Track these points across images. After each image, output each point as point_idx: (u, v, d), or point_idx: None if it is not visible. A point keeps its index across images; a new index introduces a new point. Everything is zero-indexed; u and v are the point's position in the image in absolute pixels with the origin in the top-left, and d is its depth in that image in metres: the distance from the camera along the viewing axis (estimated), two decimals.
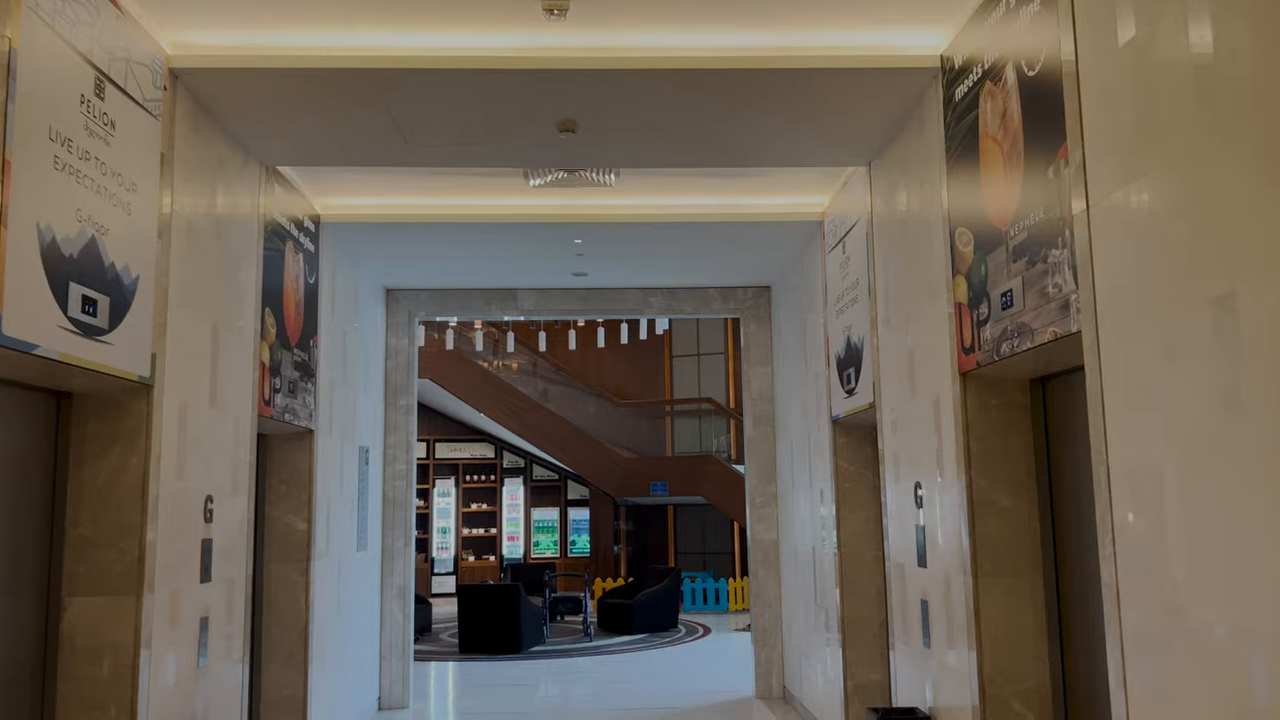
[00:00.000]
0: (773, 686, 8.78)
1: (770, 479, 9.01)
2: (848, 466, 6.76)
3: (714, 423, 18.28)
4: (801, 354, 7.90)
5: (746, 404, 9.18)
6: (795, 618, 8.25)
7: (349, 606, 7.62)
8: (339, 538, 7.34)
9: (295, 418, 6.29)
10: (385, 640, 8.69)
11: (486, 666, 10.97)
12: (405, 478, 8.95)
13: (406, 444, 8.99)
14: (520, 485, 19.31)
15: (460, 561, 18.90)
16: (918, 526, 5.00)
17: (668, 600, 13.63)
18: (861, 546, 6.67)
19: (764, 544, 8.95)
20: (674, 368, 19.07)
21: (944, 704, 4.65)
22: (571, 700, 9.04)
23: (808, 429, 7.67)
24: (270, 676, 6.43)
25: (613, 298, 9.14)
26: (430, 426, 19.10)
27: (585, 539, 19.07)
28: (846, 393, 6.37)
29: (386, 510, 8.85)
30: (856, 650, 6.57)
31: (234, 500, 5.27)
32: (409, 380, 9.09)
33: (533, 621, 12.12)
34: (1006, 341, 3.87)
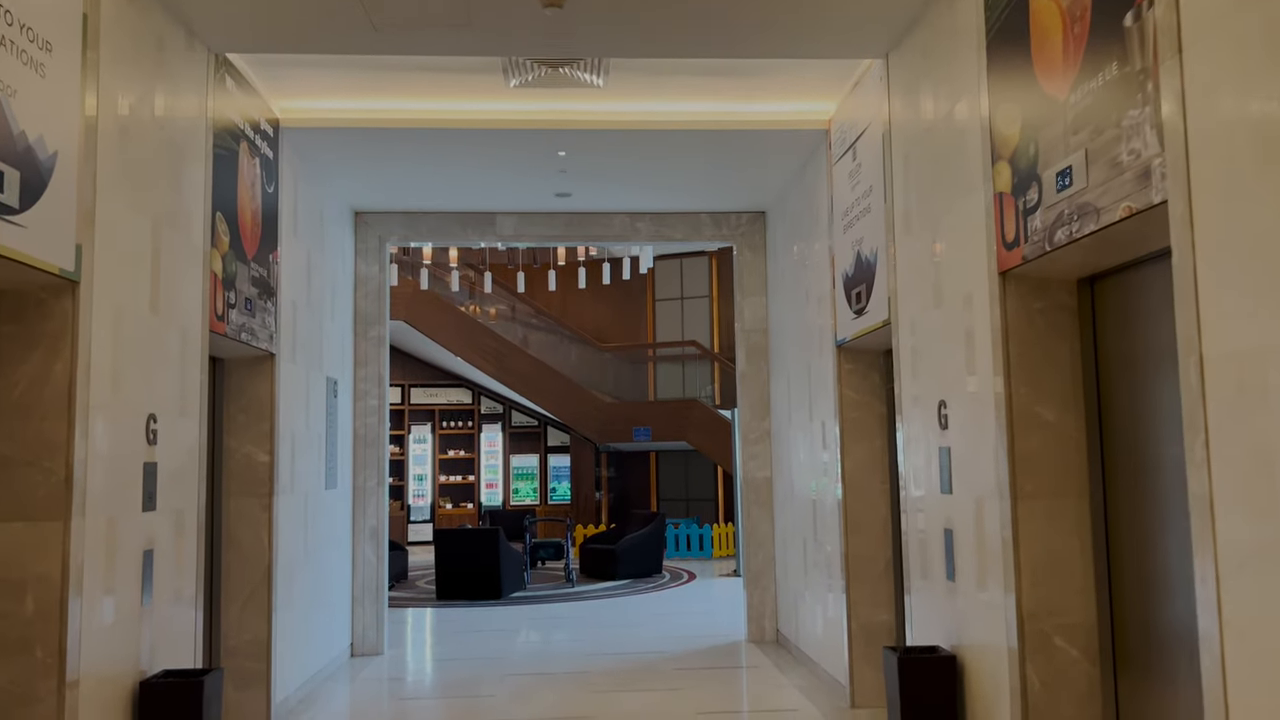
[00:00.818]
0: (765, 630, 8.40)
1: (763, 415, 8.56)
2: (853, 395, 6.30)
3: (698, 367, 17.82)
4: (800, 281, 7.40)
5: (739, 337, 8.69)
6: (790, 558, 7.84)
7: (318, 547, 7.13)
8: (305, 473, 6.82)
9: (254, 338, 5.73)
10: (358, 584, 8.22)
11: (465, 613, 10.55)
12: (377, 414, 8.42)
13: (378, 378, 8.44)
14: (499, 431, 18.81)
15: (437, 509, 18.44)
16: (941, 449, 4.54)
17: (652, 546, 13.24)
18: (867, 480, 6.23)
19: (756, 482, 8.52)
20: (657, 311, 18.55)
21: (973, 642, 4.22)
22: (555, 646, 8.64)
23: (807, 360, 7.19)
24: (231, 619, 5.94)
25: (598, 223, 8.59)
26: (405, 371, 18.53)
27: (566, 486, 18.65)
28: (855, 313, 5.88)
29: (358, 448, 8.33)
30: (861, 590, 6.16)
31: (182, 423, 4.73)
32: (380, 310, 8.52)
33: (513, 567, 11.70)
34: (1062, 228, 3.38)
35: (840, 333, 6.21)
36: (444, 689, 6.99)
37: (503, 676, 7.26)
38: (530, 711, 6.20)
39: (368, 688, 7.07)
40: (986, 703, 4.07)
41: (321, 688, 6.93)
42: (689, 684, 6.92)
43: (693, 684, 6.93)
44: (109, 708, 3.94)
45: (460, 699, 6.61)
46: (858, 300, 5.83)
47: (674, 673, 7.28)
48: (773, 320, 8.44)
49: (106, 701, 3.92)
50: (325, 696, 6.68)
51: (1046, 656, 3.76)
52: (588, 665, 7.58)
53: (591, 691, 6.71)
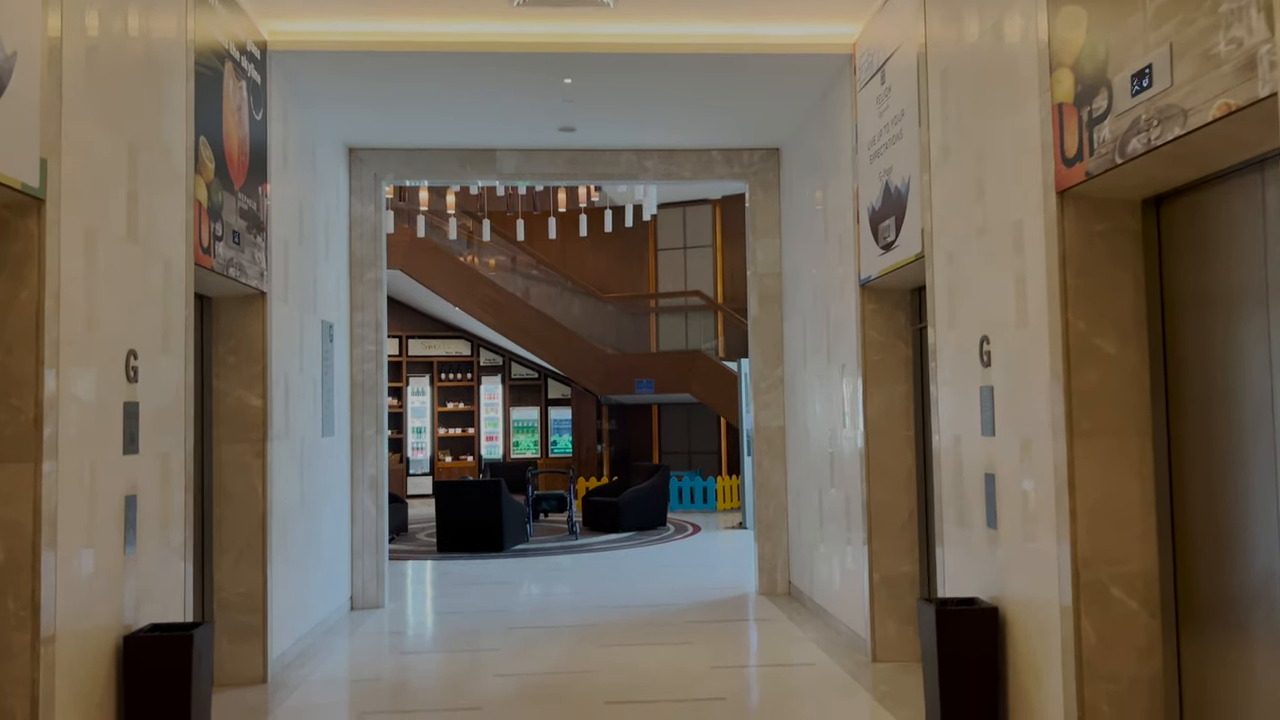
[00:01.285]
0: (777, 582, 8.16)
1: (776, 362, 8.24)
2: (877, 337, 5.98)
3: (701, 319, 17.49)
4: (819, 219, 7.04)
5: (751, 281, 8.34)
6: (804, 508, 7.57)
7: (315, 497, 6.84)
8: (301, 420, 6.51)
9: (243, 275, 5.38)
10: (357, 535, 7.95)
11: (467, 565, 10.32)
12: (375, 360, 8.09)
13: (375, 323, 8.11)
14: (498, 384, 18.51)
15: (437, 462, 18.19)
16: (983, 389, 4.23)
17: (655, 498, 13.00)
18: (891, 426, 5.94)
19: (769, 431, 8.23)
20: (659, 261, 18.17)
21: (1017, 594, 3.94)
22: (559, 598, 8.40)
23: (825, 302, 6.86)
24: (224, 571, 5.66)
25: (603, 161, 8.20)
26: (402, 322, 18.17)
27: (567, 439, 18.40)
28: (882, 249, 5.54)
29: (355, 395, 8.01)
30: (883, 540, 5.89)
31: (166, 361, 4.41)
32: (376, 253, 8.16)
33: (515, 519, 11.46)
34: (1138, 135, 3.03)
35: (864, 271, 5.88)
36: (445, 642, 6.75)
37: (506, 630, 7.02)
38: (535, 666, 5.96)
39: (367, 641, 6.82)
40: (1033, 658, 3.81)
41: (320, 641, 6.69)
42: (700, 637, 6.68)
43: (704, 637, 6.69)
44: (91, 663, 3.66)
45: (462, 653, 6.37)
46: (885, 235, 5.48)
47: (684, 626, 7.05)
48: (787, 263, 8.10)
49: (88, 657, 3.64)
50: (324, 650, 6.44)
51: (1103, 608, 3.48)
52: (594, 618, 7.35)
53: (598, 645, 6.47)
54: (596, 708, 5.07)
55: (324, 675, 5.86)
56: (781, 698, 5.32)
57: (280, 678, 5.75)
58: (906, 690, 5.22)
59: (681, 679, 5.60)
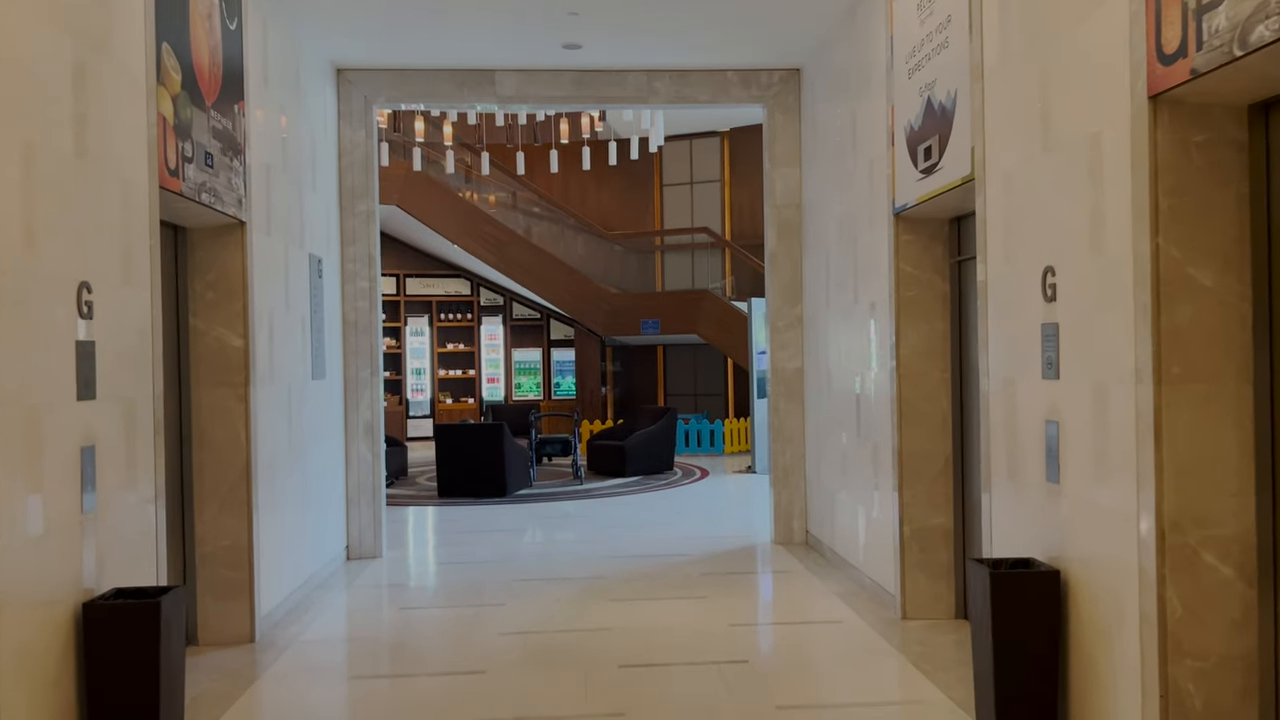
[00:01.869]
0: (794, 531, 7.78)
1: (795, 299, 7.76)
2: (911, 271, 5.50)
3: (708, 257, 16.95)
4: (846, 144, 6.51)
5: (769, 213, 7.82)
6: (825, 455, 7.16)
7: (305, 443, 6.42)
8: (287, 361, 6.06)
9: (219, 202, 4.88)
10: (352, 482, 7.55)
11: (468, 511, 9.96)
12: (368, 298, 7.62)
13: (368, 258, 7.61)
14: (499, 324, 18.03)
15: (437, 404, 17.79)
16: (1045, 327, 3.76)
17: (662, 441, 12.62)
18: (925, 367, 5.48)
19: (786, 373, 7.78)
20: (665, 197, 17.56)
21: (1085, 555, 3.52)
22: (565, 547, 8.03)
23: (852, 234, 6.36)
24: (205, 524, 5.26)
25: (611, 82, 7.62)
26: (400, 260, 17.64)
27: (571, 381, 17.98)
28: (922, 172, 5.03)
29: (348, 335, 7.55)
30: (916, 490, 5.48)
31: (127, 295, 3.94)
32: (368, 183, 7.63)
33: (518, 463, 11.08)
34: (1265, 22, 2.52)
35: (899, 199, 5.37)
36: (446, 596, 6.38)
37: (510, 582, 6.65)
38: (542, 623, 5.58)
39: (364, 596, 6.46)
40: (1104, 629, 3.39)
41: (313, 596, 6.32)
42: (716, 591, 6.31)
43: (720, 590, 6.32)
44: (43, 636, 3.25)
45: (464, 608, 6.00)
46: (926, 157, 4.96)
47: (698, 578, 6.67)
48: (808, 193, 7.57)
49: (39, 628, 3.23)
50: (317, 606, 6.07)
51: (1191, 576, 3.05)
52: (601, 570, 6.97)
53: (608, 600, 6.10)
54: (609, 672, 4.70)
55: (317, 634, 5.49)
56: (807, 660, 4.94)
57: (269, 637, 5.38)
58: (941, 652, 4.84)
59: (699, 639, 5.22)
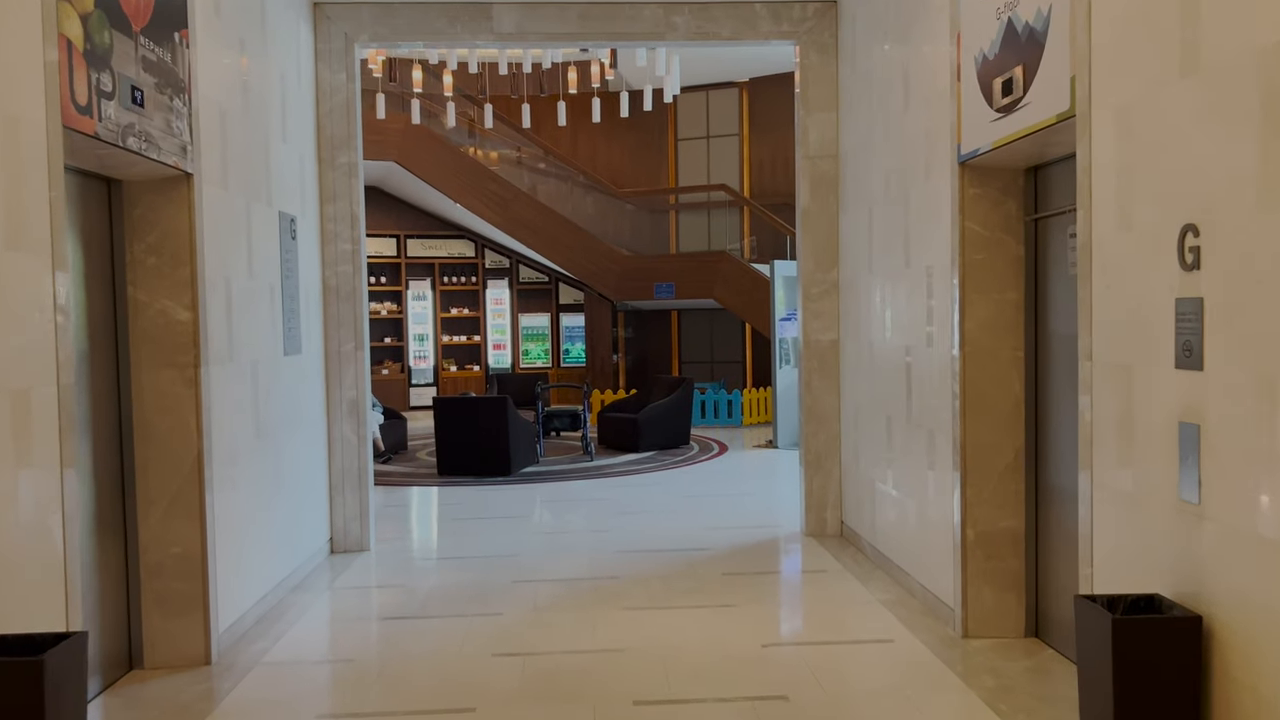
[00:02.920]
0: (827, 522, 7.00)
1: (830, 263, 6.91)
2: (979, 231, 4.66)
3: (725, 217, 16.04)
4: (894, 82, 5.63)
5: (801, 166, 6.95)
6: (865, 439, 6.36)
7: (276, 428, 5.66)
8: (251, 336, 5.28)
9: (153, 149, 4.07)
10: (336, 468, 6.80)
11: (470, 493, 9.21)
12: (352, 261, 6.81)
13: (351, 217, 6.79)
14: (505, 288, 17.20)
15: (441, 372, 17.03)
16: (1182, 301, 2.93)
17: (678, 414, 11.83)
18: (994, 344, 4.66)
19: (820, 346, 6.96)
20: (679, 153, 16.62)
21: (1240, 598, 2.71)
22: (575, 539, 7.28)
23: (904, 188, 5.51)
24: (151, 530, 4.50)
25: (623, 16, 6.73)
26: (400, 220, 16.80)
27: (580, 348, 17.17)
28: (999, 111, 4.17)
29: (329, 303, 6.76)
30: (981, 488, 4.68)
31: (17, 261, 3.14)
32: (350, 132, 6.79)
33: (524, 439, 10.31)
34: None
35: (968, 144, 4.51)
36: (438, 603, 5.63)
37: (513, 584, 5.90)
38: (546, 640, 4.83)
39: (344, 601, 5.72)
40: (1268, 698, 2.60)
41: (288, 601, 5.58)
42: (744, 596, 5.55)
43: (748, 596, 5.56)
44: None
45: (457, 618, 5.25)
46: (1005, 92, 4.10)
47: (722, 580, 5.91)
48: (847, 142, 6.69)
49: None
50: (291, 614, 5.34)
51: None
52: (616, 568, 6.22)
53: (621, 607, 5.35)
54: (620, 711, 3.94)
55: (284, 652, 4.75)
56: (858, 697, 4.16)
57: (229, 657, 4.65)
58: (1018, 685, 4.07)
59: (728, 665, 4.46)
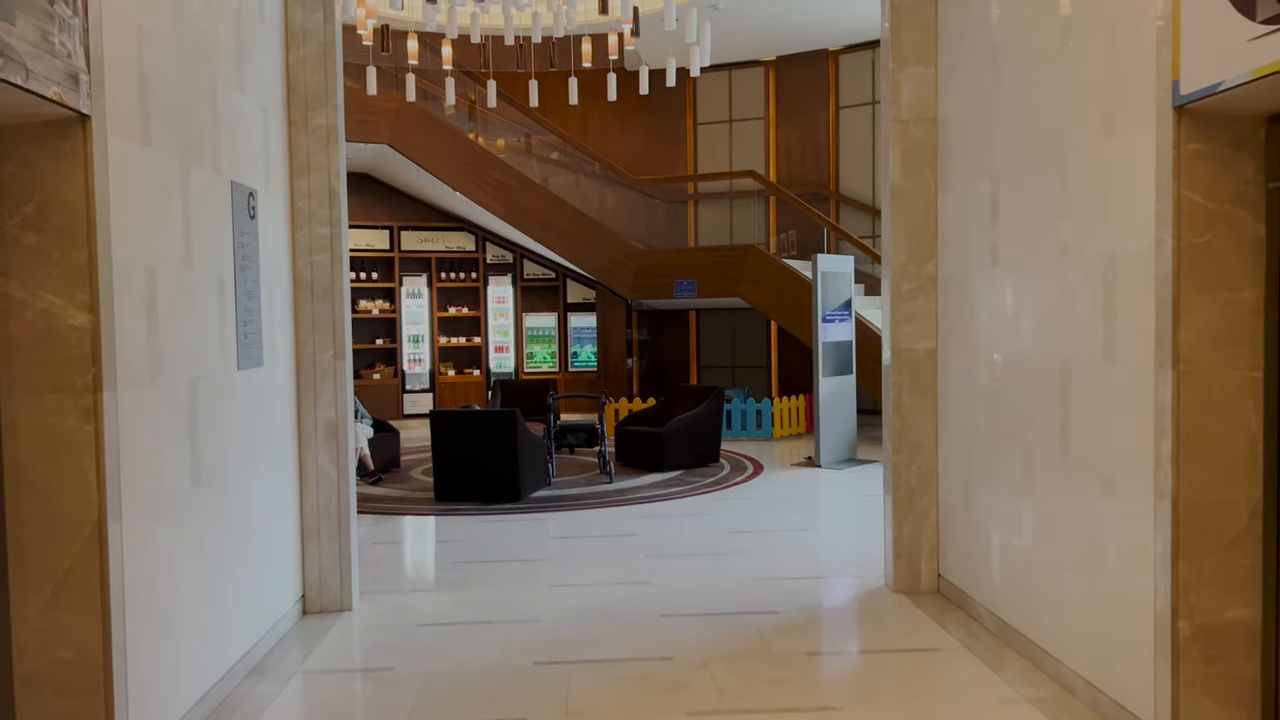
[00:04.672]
0: (920, 575, 5.65)
1: (926, 254, 5.57)
2: (1201, 203, 3.32)
3: (750, 208, 14.70)
4: (1042, 17, 4.28)
5: (891, 131, 5.60)
6: (983, 474, 5.02)
7: (227, 465, 4.30)
8: (188, 345, 3.92)
9: (15, 69, 2.71)
10: (309, 508, 5.44)
11: (474, 525, 7.86)
12: (330, 250, 5.45)
13: (329, 194, 5.43)
14: (509, 285, 15.82)
15: (437, 376, 15.64)
16: None
17: (707, 427, 10.48)
18: (1223, 362, 3.33)
19: (913, 356, 5.61)
20: (698, 139, 15.26)
21: None
22: (608, 594, 5.92)
23: (1057, 153, 4.17)
24: (29, 625, 3.15)
25: None
26: (393, 210, 15.42)
27: (590, 350, 15.80)
28: (1267, 24, 2.82)
29: (301, 302, 5.40)
30: (1202, 562, 3.35)
31: None
32: (328, 87, 5.43)
33: (535, 459, 8.96)
34: None
35: (1195, 78, 3.16)
36: (441, 701, 4.25)
37: (535, 667, 4.55)
38: None
39: (316, 697, 4.35)
40: None
41: (238, 698, 4.22)
42: (846, 692, 4.21)
43: (852, 692, 4.21)
44: None
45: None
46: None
47: (808, 663, 4.56)
48: (951, 102, 5.35)
49: None
50: (239, 716, 3.97)
51: None
52: (665, 642, 4.86)
53: (688, 714, 3.99)
54: None
55: None
56: None
57: None
58: None
59: None
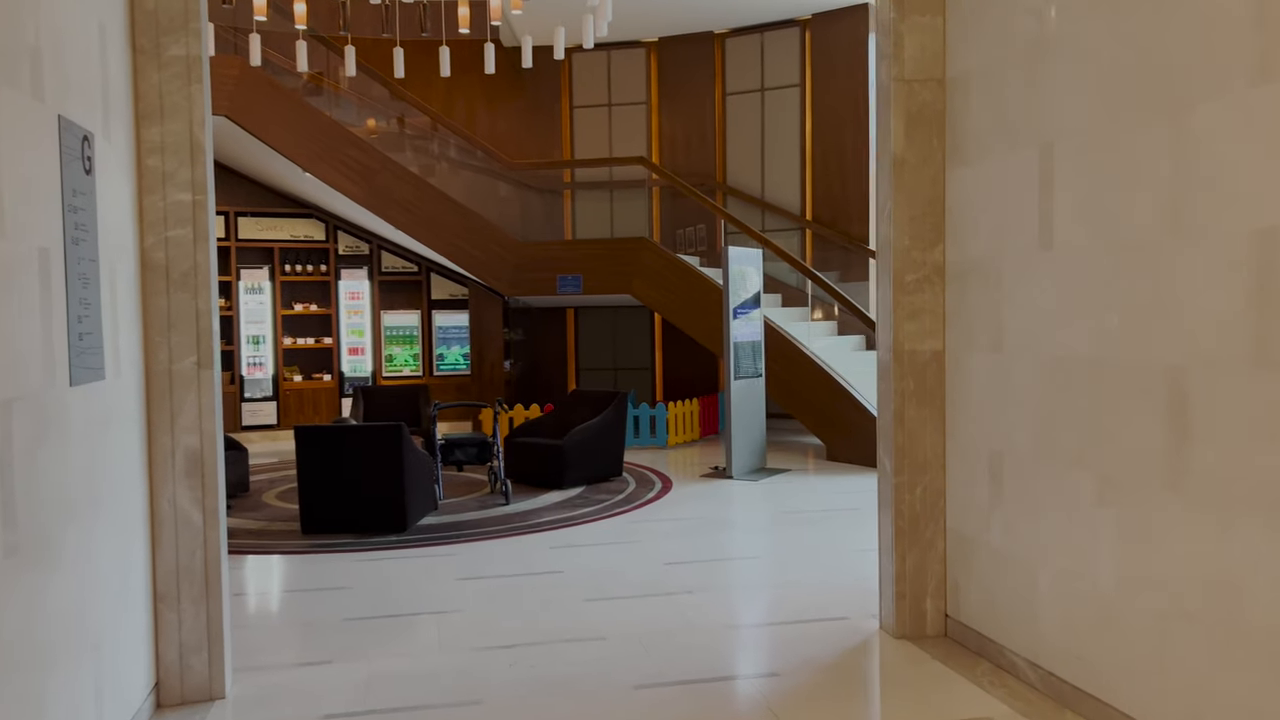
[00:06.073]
0: (926, 616, 4.82)
1: (934, 237, 4.74)
2: None
3: (633, 199, 13.74)
4: None
5: (891, 95, 4.74)
6: (1024, 498, 4.22)
7: (46, 523, 2.96)
8: None
9: None
10: (164, 567, 4.09)
11: (358, 566, 6.53)
12: (193, 222, 4.11)
13: (189, 147, 4.09)
14: (365, 279, 14.22)
15: (282, 382, 13.89)
16: None
17: (610, 438, 9.43)
18: None
19: (917, 360, 4.78)
20: (575, 122, 14.17)
21: None
22: (553, 658, 4.78)
23: (1164, 106, 3.39)
24: None
25: None
26: (230, 193, 13.58)
27: (458, 352, 14.41)
28: None
29: (153, 292, 4.04)
30: None
31: None
32: (188, 8, 4.09)
33: (422, 481, 7.68)
34: None
35: None
36: None
37: None
38: None
39: None
40: None
41: None
42: None
43: None
44: None
45: None
46: None
47: None
48: (968, 59, 4.53)
49: None
50: None
51: None
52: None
53: None
54: None
55: None
56: None
57: None
58: None
59: None
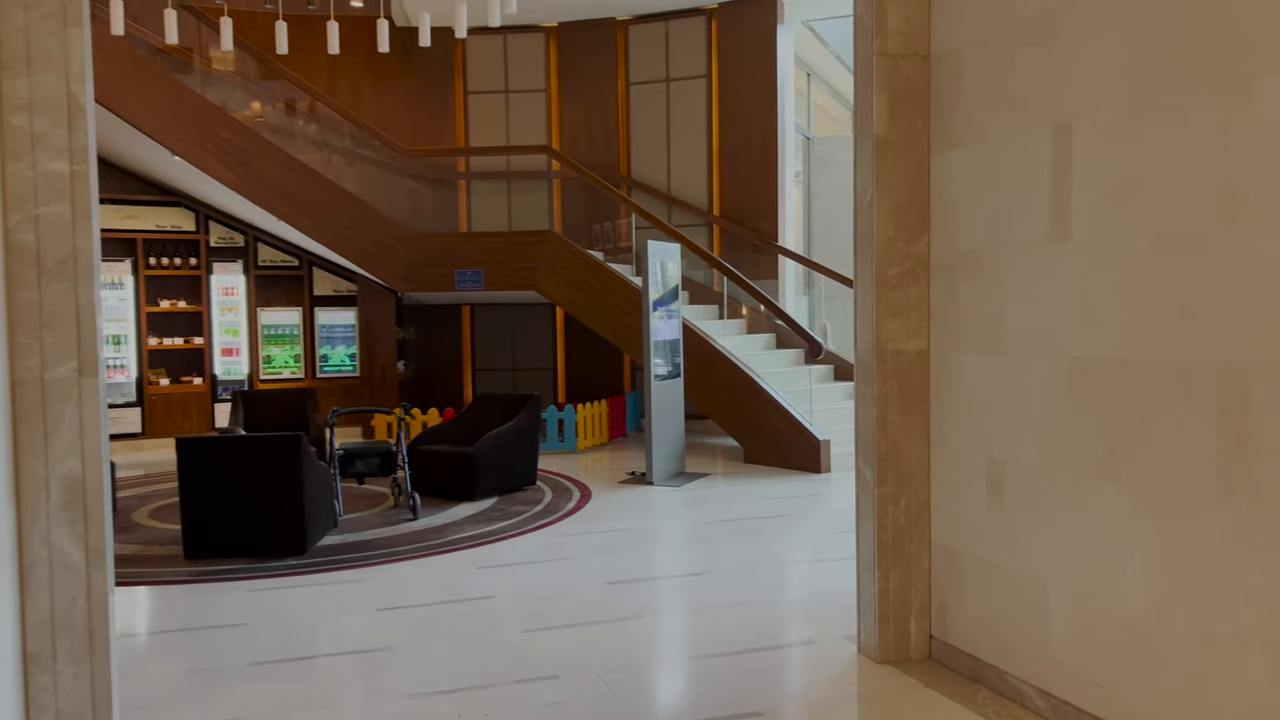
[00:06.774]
0: (910, 638, 4.45)
1: (919, 227, 4.38)
2: None
3: (532, 191, 13.12)
4: None
5: (876, 68, 4.35)
6: (1026, 510, 3.89)
7: None
8: None
9: None
10: (35, 621, 3.32)
11: (256, 598, 5.76)
12: (70, 198, 3.36)
13: (66, 106, 3.35)
14: (239, 273, 13.09)
15: (147, 386, 12.65)
16: None
17: (524, 445, 8.82)
18: None
19: (900, 360, 4.40)
20: (469, 109, 13.44)
21: None
22: (510, 707, 4.21)
23: (1214, 84, 3.08)
24: None
25: None
26: None
27: (342, 352, 13.44)
28: None
29: (20, 284, 3.28)
30: None
31: None
32: None
33: (322, 497, 6.91)
34: None
35: None
36: None
37: None
38: None
39: None
40: None
41: None
42: None
43: None
44: None
45: None
46: None
47: None
48: (960, 31, 4.17)
49: None
50: None
51: None
52: None
53: None
54: None
55: None
56: None
57: None
58: None
59: None
